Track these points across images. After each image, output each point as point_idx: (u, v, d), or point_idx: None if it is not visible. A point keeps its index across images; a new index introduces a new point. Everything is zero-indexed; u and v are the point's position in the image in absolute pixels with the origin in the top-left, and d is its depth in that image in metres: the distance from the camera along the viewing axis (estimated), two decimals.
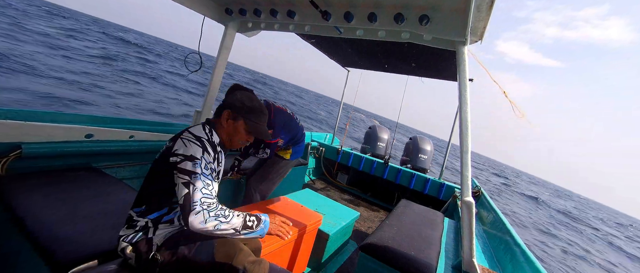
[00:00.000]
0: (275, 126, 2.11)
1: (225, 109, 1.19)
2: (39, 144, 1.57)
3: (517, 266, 1.76)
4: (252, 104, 1.21)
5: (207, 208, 0.98)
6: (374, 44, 2.69)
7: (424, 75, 3.55)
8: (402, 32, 1.68)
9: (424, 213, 2.58)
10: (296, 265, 1.94)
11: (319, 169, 5.01)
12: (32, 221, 1.21)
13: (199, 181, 0.99)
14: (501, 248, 2.14)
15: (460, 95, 1.42)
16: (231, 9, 2.22)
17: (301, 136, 2.43)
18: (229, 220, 1.03)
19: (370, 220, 3.71)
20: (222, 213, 1.02)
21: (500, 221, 2.41)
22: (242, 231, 1.08)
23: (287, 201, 2.22)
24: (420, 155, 4.89)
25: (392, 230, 1.99)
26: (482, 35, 1.50)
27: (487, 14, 1.34)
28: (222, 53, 2.42)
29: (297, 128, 2.36)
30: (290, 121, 2.27)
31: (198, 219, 0.96)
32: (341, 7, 1.73)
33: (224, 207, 1.05)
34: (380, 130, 5.29)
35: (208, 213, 0.98)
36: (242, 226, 1.08)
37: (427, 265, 1.61)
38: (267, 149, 2.13)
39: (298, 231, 1.79)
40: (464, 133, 1.36)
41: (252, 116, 1.18)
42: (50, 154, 1.61)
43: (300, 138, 2.42)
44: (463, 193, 1.36)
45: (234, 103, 1.20)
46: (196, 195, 0.97)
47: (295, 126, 2.33)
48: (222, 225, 1.01)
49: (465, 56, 1.43)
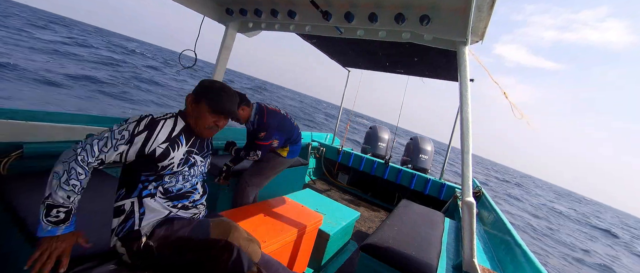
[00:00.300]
0: (268, 128, 2.11)
1: (188, 95, 1.20)
2: (40, 144, 1.57)
3: (517, 266, 1.75)
4: (211, 84, 1.20)
5: (78, 159, 0.97)
6: (375, 44, 2.69)
7: (424, 75, 3.54)
8: (402, 32, 1.68)
9: (425, 213, 2.58)
10: (296, 265, 1.94)
11: (320, 170, 5.01)
12: (32, 221, 1.21)
13: (100, 139, 1.01)
14: (502, 248, 2.13)
15: (461, 95, 1.42)
16: (232, 9, 2.22)
17: (297, 136, 2.43)
18: (65, 183, 0.94)
19: (370, 220, 3.71)
20: (74, 176, 0.95)
21: (501, 221, 2.41)
22: (45, 202, 0.94)
23: (288, 201, 2.22)
24: (420, 155, 4.88)
25: (392, 230, 1.99)
26: (483, 35, 1.50)
27: (488, 13, 1.34)
28: (222, 53, 2.42)
29: (292, 128, 2.36)
30: (284, 121, 2.27)
31: (64, 156, 0.97)
32: (342, 8, 1.73)
33: (81, 175, 0.97)
34: (380, 130, 5.29)
35: (70, 163, 0.96)
36: (52, 201, 0.94)
37: (427, 265, 1.60)
38: (258, 152, 2.12)
39: (298, 232, 1.79)
40: (465, 133, 1.36)
41: (211, 94, 1.17)
42: (51, 154, 1.61)
43: (297, 138, 2.42)
44: (464, 193, 1.36)
45: (195, 88, 1.23)
46: (86, 141, 1.00)
47: (290, 127, 2.33)
48: (56, 180, 0.94)
49: (466, 56, 1.43)
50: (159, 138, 1.08)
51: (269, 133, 2.12)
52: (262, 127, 2.10)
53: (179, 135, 1.15)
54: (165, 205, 1.15)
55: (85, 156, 0.98)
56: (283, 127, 2.25)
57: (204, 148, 1.29)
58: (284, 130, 2.27)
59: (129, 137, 1.03)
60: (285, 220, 1.85)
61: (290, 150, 2.40)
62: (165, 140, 1.10)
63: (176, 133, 1.14)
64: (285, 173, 3.13)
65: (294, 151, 2.43)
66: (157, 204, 1.13)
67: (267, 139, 2.13)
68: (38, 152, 1.55)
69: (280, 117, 2.24)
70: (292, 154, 2.43)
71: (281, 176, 3.04)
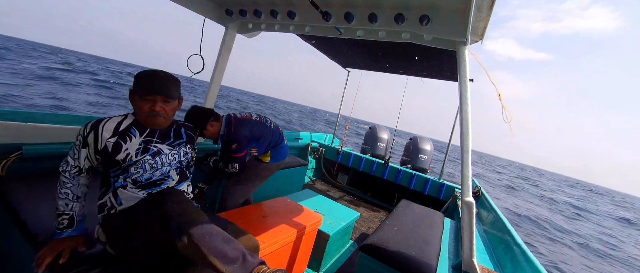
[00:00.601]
0: (238, 139, 1.99)
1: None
2: (40, 146, 1.56)
3: (517, 266, 1.75)
4: (139, 74, 1.20)
5: (62, 170, 1.17)
6: (374, 44, 2.70)
7: (424, 75, 3.55)
8: (402, 33, 1.69)
9: (424, 213, 2.58)
10: (296, 266, 1.94)
11: (319, 170, 5.01)
12: (32, 222, 1.21)
13: (71, 148, 1.18)
14: (501, 248, 2.13)
15: (460, 95, 1.42)
16: (231, 10, 2.22)
17: (279, 139, 2.29)
18: (59, 192, 1.15)
19: (370, 220, 3.71)
20: (63, 185, 1.15)
21: (501, 221, 2.41)
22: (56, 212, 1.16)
23: (287, 201, 2.22)
24: (420, 155, 4.88)
25: (392, 230, 1.99)
26: (482, 35, 1.51)
27: (487, 13, 1.34)
28: (222, 54, 2.42)
29: (270, 132, 2.23)
30: (258, 127, 2.14)
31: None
32: (341, 8, 1.73)
33: (67, 184, 1.15)
34: (380, 130, 5.29)
35: (62, 175, 1.17)
36: (57, 210, 1.16)
37: (427, 265, 1.60)
38: (235, 164, 2.02)
39: (298, 232, 1.79)
40: (465, 133, 1.36)
41: (137, 81, 1.17)
42: (51, 155, 1.61)
43: (279, 142, 2.29)
44: (463, 193, 1.36)
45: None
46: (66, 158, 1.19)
47: (267, 131, 2.20)
48: (56, 191, 1.16)
49: (465, 55, 1.43)
50: (105, 135, 1.15)
51: (241, 144, 2.01)
52: (232, 139, 2.00)
53: (128, 128, 1.20)
54: (139, 194, 1.18)
55: (65, 165, 1.16)
56: (257, 134, 2.12)
57: (170, 137, 1.30)
58: (260, 137, 2.14)
59: (82, 140, 1.15)
60: (285, 220, 1.85)
61: (272, 155, 2.27)
62: (112, 135, 1.16)
63: (124, 127, 1.19)
64: (285, 173, 3.13)
65: (277, 156, 2.30)
66: (130, 194, 1.17)
67: (240, 151, 2.01)
68: (38, 153, 1.55)
69: (252, 124, 2.11)
70: (276, 159, 2.30)
71: (281, 177, 3.05)
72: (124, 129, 1.19)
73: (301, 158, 4.45)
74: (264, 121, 2.23)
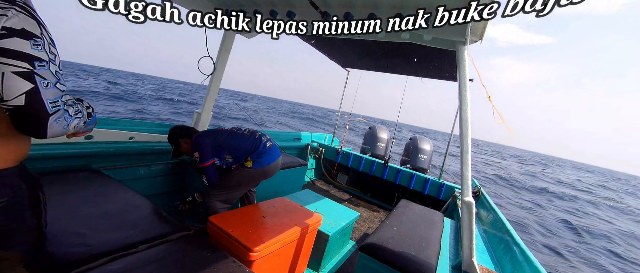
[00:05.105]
0: (198, 148, 2.05)
1: None
2: (39, 146, 1.56)
3: (516, 266, 1.76)
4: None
5: (64, 106, 0.75)
6: (374, 44, 2.70)
7: (423, 75, 3.55)
8: (402, 33, 1.69)
9: (424, 213, 2.58)
10: (296, 266, 1.94)
11: (319, 170, 5.01)
12: None
13: (47, 71, 0.70)
14: (501, 247, 2.14)
15: (460, 95, 1.43)
16: (231, 10, 2.22)
17: (257, 146, 2.22)
18: (82, 111, 0.84)
19: (370, 220, 3.71)
20: (77, 106, 0.82)
21: (500, 221, 2.41)
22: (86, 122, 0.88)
23: (287, 201, 2.22)
24: (419, 155, 4.89)
25: (392, 230, 1.99)
26: (482, 35, 1.51)
27: None
28: (221, 55, 2.42)
29: (243, 140, 2.19)
30: (225, 136, 2.15)
31: (61, 123, 0.73)
32: (341, 8, 1.73)
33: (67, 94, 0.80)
34: (379, 130, 5.30)
35: (71, 110, 0.77)
36: (87, 115, 0.89)
37: (427, 265, 1.61)
38: (204, 176, 2.09)
39: (298, 232, 1.79)
40: (464, 133, 1.36)
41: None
42: (51, 155, 1.61)
43: (257, 147, 2.22)
44: (463, 193, 1.36)
45: None
46: (48, 92, 0.69)
47: (239, 140, 2.17)
48: (80, 120, 0.82)
49: (465, 55, 1.43)
50: None
51: (203, 153, 2.05)
52: (194, 148, 2.07)
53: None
54: None
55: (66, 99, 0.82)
56: (223, 144, 2.12)
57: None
58: (229, 146, 2.13)
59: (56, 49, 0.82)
60: (285, 220, 1.85)
61: (254, 160, 2.22)
62: None
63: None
64: (285, 173, 3.13)
65: (260, 162, 2.22)
66: None
67: (204, 160, 2.06)
68: (37, 154, 1.55)
69: (216, 134, 2.14)
70: (260, 164, 2.22)
71: (280, 177, 3.04)
72: None
73: (301, 158, 4.46)
74: (237, 130, 2.25)
